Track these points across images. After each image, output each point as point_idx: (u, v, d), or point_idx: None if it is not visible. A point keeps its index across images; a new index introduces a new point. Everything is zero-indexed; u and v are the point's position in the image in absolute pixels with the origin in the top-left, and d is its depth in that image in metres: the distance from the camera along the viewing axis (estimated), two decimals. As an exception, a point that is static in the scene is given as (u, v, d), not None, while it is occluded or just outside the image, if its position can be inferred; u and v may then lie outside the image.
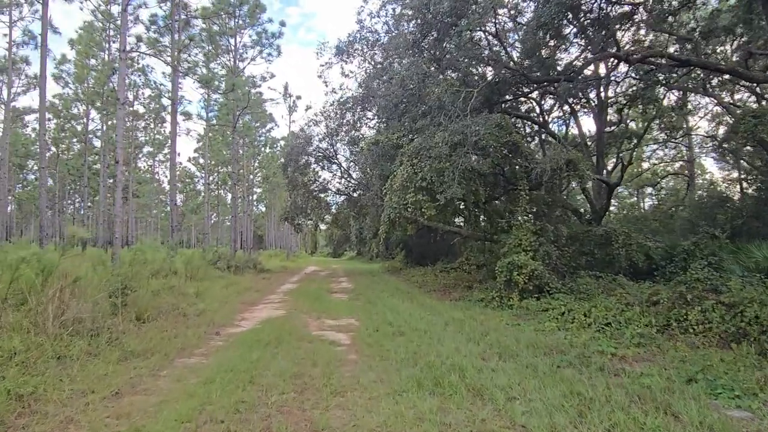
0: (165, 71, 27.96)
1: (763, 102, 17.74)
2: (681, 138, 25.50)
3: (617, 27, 11.90)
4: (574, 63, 12.97)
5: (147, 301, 7.53)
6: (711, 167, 34.79)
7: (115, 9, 21.78)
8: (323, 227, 42.25)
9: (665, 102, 20.68)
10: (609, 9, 10.49)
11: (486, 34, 14.61)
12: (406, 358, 5.44)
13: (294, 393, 4.14)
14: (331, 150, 22.77)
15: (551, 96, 19.38)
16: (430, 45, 11.93)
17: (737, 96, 21.44)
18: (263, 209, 55.08)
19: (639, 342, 6.22)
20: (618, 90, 19.37)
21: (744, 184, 23.48)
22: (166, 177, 51.79)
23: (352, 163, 23.35)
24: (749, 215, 12.68)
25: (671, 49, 14.44)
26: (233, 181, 23.84)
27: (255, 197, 48.05)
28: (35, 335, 5.07)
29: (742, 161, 22.64)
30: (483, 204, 13.95)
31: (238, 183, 31.32)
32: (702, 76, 16.11)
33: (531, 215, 12.87)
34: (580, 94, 17.23)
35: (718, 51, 16.99)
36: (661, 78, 13.86)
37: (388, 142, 13.48)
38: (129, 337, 5.78)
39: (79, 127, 33.83)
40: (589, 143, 19.27)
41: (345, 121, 20.22)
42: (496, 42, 14.17)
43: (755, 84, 17.99)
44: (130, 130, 37.35)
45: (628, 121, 19.86)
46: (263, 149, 41.42)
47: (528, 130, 20.95)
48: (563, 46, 12.80)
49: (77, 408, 3.70)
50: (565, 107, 20.34)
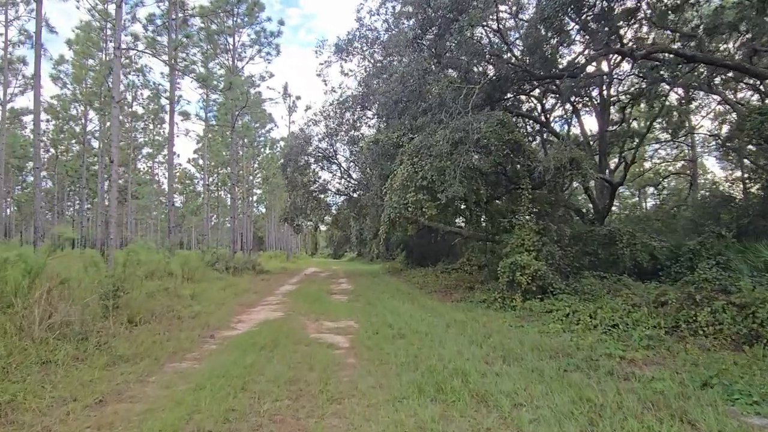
0: (163, 71, 27.78)
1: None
2: (684, 137, 25.29)
3: (621, 23, 11.69)
4: (576, 60, 12.77)
5: (140, 304, 7.33)
6: (713, 167, 34.63)
7: (112, 8, 21.59)
8: (323, 228, 42.05)
9: (668, 100, 20.53)
10: (613, 3, 10.27)
11: (487, 30, 14.43)
12: (406, 361, 5.24)
13: (288, 400, 3.92)
14: (331, 150, 22.57)
15: (553, 95, 19.20)
16: (430, 42, 11.73)
17: (740, 95, 21.24)
18: (263, 210, 54.92)
19: (648, 344, 6.01)
20: (620, 89, 19.23)
21: (747, 183, 23.28)
22: (165, 178, 51.55)
23: (351, 163, 23.16)
24: (755, 214, 12.45)
25: (674, 47, 14.23)
26: (232, 182, 23.66)
27: (255, 198, 47.86)
28: (20, 339, 4.87)
29: (745, 160, 22.43)
30: (484, 203, 13.74)
31: (237, 184, 31.14)
32: (705, 73, 15.92)
33: (533, 215, 12.66)
34: (582, 92, 17.06)
35: (721, 48, 16.77)
36: (665, 75, 13.67)
37: (388, 140, 13.27)
38: (119, 341, 5.57)
39: (78, 128, 33.70)
40: (592, 142, 19.08)
41: (345, 120, 20.01)
42: (497, 40, 13.98)
43: (759, 82, 17.82)
44: (129, 131, 37.21)
45: (631, 120, 19.63)
46: (263, 150, 41.24)
47: (529, 129, 20.78)
48: (566, 42, 12.57)
49: (57, 417, 3.49)
50: (567, 106, 20.18)
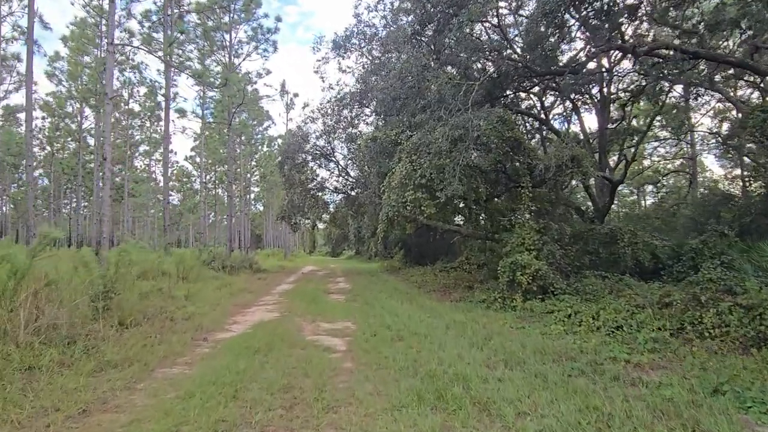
0: (160, 68, 27.54)
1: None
2: (683, 135, 25.15)
3: (622, 19, 11.51)
4: (578, 56, 12.60)
5: (132, 305, 7.14)
6: (711, 165, 34.56)
7: (107, 3, 21.31)
8: (321, 226, 41.86)
9: (669, 98, 20.39)
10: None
11: (486, 27, 14.24)
12: (405, 366, 5.07)
13: (282, 409, 3.74)
14: (329, 147, 22.36)
15: (552, 92, 19.04)
16: (429, 38, 11.53)
17: (739, 92, 21.11)
18: (261, 208, 54.67)
19: (653, 347, 5.85)
20: (620, 86, 19.07)
21: (747, 181, 23.15)
22: (162, 176, 51.28)
23: (349, 161, 22.95)
24: (758, 212, 12.30)
25: (676, 43, 14.07)
26: (229, 180, 23.44)
27: (252, 196, 47.62)
28: (3, 344, 4.68)
29: (745, 158, 22.29)
30: (484, 202, 13.58)
31: (234, 182, 30.90)
32: (706, 71, 15.78)
33: (533, 213, 12.51)
34: (582, 89, 16.89)
35: (722, 46, 16.62)
36: (668, 72, 13.50)
37: (386, 138, 13.08)
38: (108, 345, 5.38)
39: (74, 126, 33.40)
40: (591, 140, 18.93)
41: (342, 118, 19.81)
42: (497, 38, 13.79)
43: (760, 80, 17.68)
44: (125, 128, 36.92)
45: (631, 117, 19.48)
46: (260, 148, 40.97)
47: (528, 127, 20.62)
48: (567, 38, 12.40)
49: (36, 430, 3.30)
50: (567, 103, 20.01)
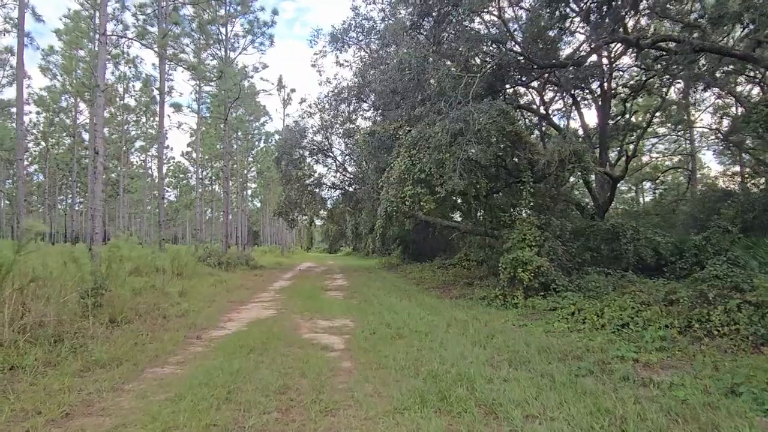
0: (155, 63, 27.20)
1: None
2: (683, 131, 25.03)
3: (625, 11, 11.29)
4: (580, 48, 12.40)
5: (124, 302, 6.92)
6: (709, 162, 34.47)
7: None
8: (318, 223, 41.65)
9: (669, 94, 20.24)
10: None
11: (487, 21, 13.98)
12: (406, 365, 4.88)
13: (277, 413, 3.54)
14: (326, 143, 22.12)
15: (552, 88, 18.84)
16: (428, 30, 11.29)
17: (738, 88, 20.95)
18: (258, 205, 54.37)
19: (661, 346, 5.67)
20: (620, 81, 18.88)
21: (747, 178, 23.05)
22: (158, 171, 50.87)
23: (347, 157, 22.74)
24: (762, 209, 12.14)
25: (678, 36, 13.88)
26: (225, 176, 23.17)
27: (250, 192, 47.32)
28: (-15, 343, 4.48)
29: (745, 155, 22.18)
30: (484, 197, 13.37)
31: (231, 178, 30.62)
32: (707, 66, 15.60)
33: (534, 209, 12.31)
34: (583, 84, 16.68)
35: (722, 42, 16.45)
36: (669, 66, 13.32)
37: (384, 132, 12.86)
38: (97, 343, 5.16)
39: (69, 121, 33.05)
40: (591, 136, 18.76)
41: (340, 112, 19.56)
42: (496, 31, 13.53)
43: (761, 75, 17.53)
44: (121, 123, 36.56)
45: (632, 112, 19.31)
46: (258, 143, 40.66)
47: (527, 123, 20.41)
48: (569, 30, 12.18)
49: (14, 435, 3.11)
50: (567, 99, 19.81)
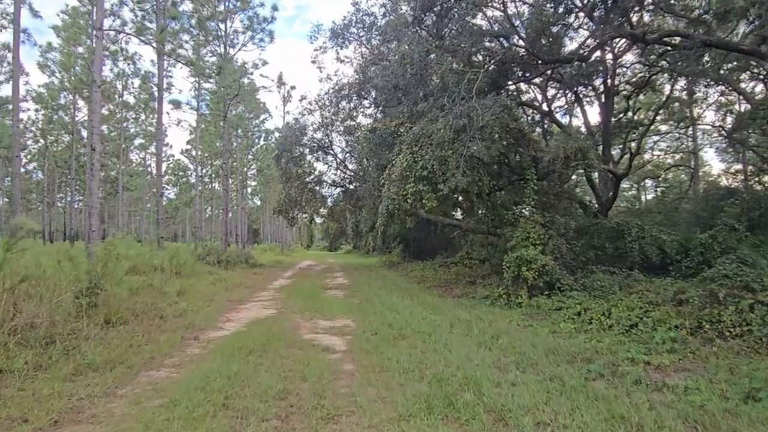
0: (154, 60, 26.98)
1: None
2: (686, 128, 24.82)
3: (630, 6, 11.10)
4: (585, 43, 12.21)
5: (120, 302, 6.76)
6: (710, 160, 34.29)
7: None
8: (319, 221, 41.48)
9: (672, 91, 20.05)
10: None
11: (489, 17, 13.79)
12: (410, 368, 4.72)
13: (276, 420, 3.37)
14: (326, 140, 21.93)
15: (554, 85, 18.64)
16: (431, 25, 11.10)
17: (741, 86, 20.74)
18: (258, 203, 54.18)
19: (672, 347, 5.51)
20: (623, 79, 18.68)
21: (750, 175, 22.87)
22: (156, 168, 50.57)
23: (347, 154, 22.57)
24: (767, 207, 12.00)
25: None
26: (225, 173, 22.99)
27: (250, 190, 47.13)
28: (-26, 345, 4.31)
29: (749, 152, 22.00)
30: (486, 195, 13.21)
31: (231, 175, 30.46)
32: (711, 63, 15.41)
33: (538, 207, 12.15)
34: (586, 81, 16.49)
35: (727, 38, 16.24)
36: (675, 62, 13.12)
37: (386, 129, 12.69)
38: (90, 345, 5.00)
39: (67, 118, 32.84)
40: (594, 133, 18.57)
41: (340, 109, 19.37)
42: (497, 27, 13.34)
43: (765, 73, 17.34)
44: (120, 121, 36.36)
45: (636, 109, 19.12)
46: (258, 141, 40.45)
47: (529, 120, 20.21)
48: (571, 27, 11.99)
49: (-1, 445, 2.96)
50: (569, 96, 19.62)
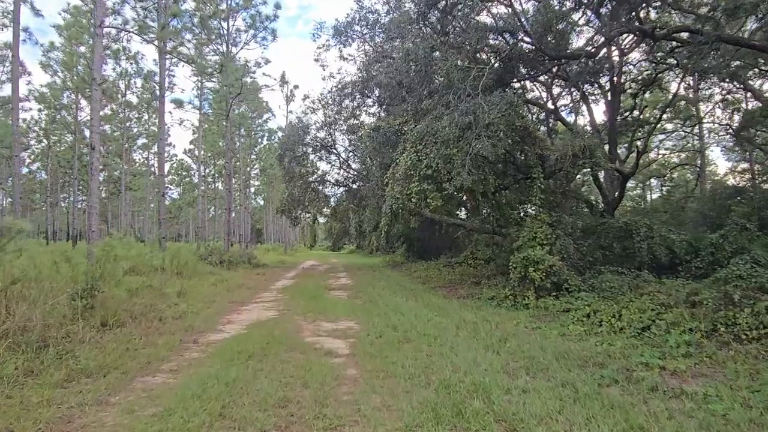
0: (156, 59, 26.90)
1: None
2: (692, 126, 24.53)
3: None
4: (593, 38, 12.00)
5: (118, 304, 6.61)
6: (716, 159, 33.98)
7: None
8: (322, 220, 41.34)
9: (679, 88, 19.76)
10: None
11: (494, 14, 13.58)
12: (416, 373, 4.54)
13: (276, 430, 3.20)
14: (330, 139, 21.77)
15: (560, 83, 18.42)
16: (436, 20, 10.90)
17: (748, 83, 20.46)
18: (261, 203, 54.06)
19: (687, 351, 5.30)
20: (629, 77, 18.43)
21: (757, 174, 22.57)
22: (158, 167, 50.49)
23: (351, 153, 22.40)
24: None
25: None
26: (228, 173, 22.85)
27: (253, 190, 46.99)
28: (-37, 350, 4.16)
29: (756, 151, 21.71)
30: (492, 195, 13.02)
31: (234, 175, 30.32)
32: (717, 61, 15.16)
33: (545, 206, 11.95)
34: (591, 78, 16.26)
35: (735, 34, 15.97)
36: (683, 59, 12.89)
37: (389, 128, 12.51)
38: (85, 349, 4.84)
39: (70, 118, 32.78)
40: (600, 132, 18.34)
41: (343, 108, 19.19)
42: (502, 23, 13.13)
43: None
44: (123, 121, 36.30)
45: (643, 108, 18.88)
46: (260, 140, 40.32)
47: (534, 119, 19.99)
48: (576, 25, 11.77)
49: (-20, 459, 2.79)
50: (575, 94, 19.39)
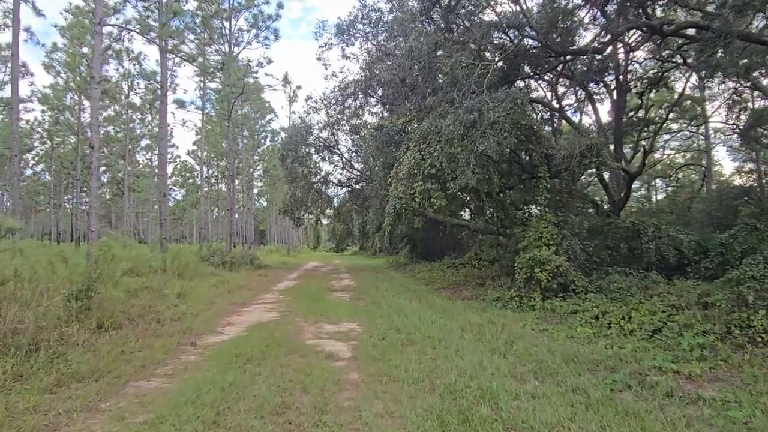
0: (158, 59, 26.85)
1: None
2: (698, 127, 24.27)
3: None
4: (600, 34, 11.81)
5: (115, 305, 6.47)
6: (721, 159, 33.66)
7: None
8: (325, 221, 41.22)
9: (685, 88, 19.53)
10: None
11: (498, 12, 13.41)
12: (420, 378, 4.37)
13: (272, 439, 3.05)
14: (332, 140, 21.63)
15: (564, 82, 18.22)
16: (439, 17, 10.74)
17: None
18: (265, 204, 54.00)
19: (701, 355, 5.11)
20: (635, 75, 18.22)
21: (764, 174, 22.29)
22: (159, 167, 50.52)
23: (354, 154, 22.26)
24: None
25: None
26: (230, 173, 22.76)
27: (256, 191, 46.92)
28: (-49, 353, 4.02)
29: (765, 150, 21.46)
30: (496, 194, 12.83)
31: (237, 176, 30.24)
32: (728, 58, 14.94)
33: (551, 206, 11.76)
34: (597, 77, 16.06)
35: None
36: (691, 58, 12.70)
37: (392, 127, 12.35)
38: (78, 353, 4.70)
39: (73, 119, 32.79)
40: (606, 131, 18.13)
41: (346, 107, 19.04)
42: (506, 19, 12.97)
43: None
44: (126, 122, 36.29)
45: (649, 106, 18.65)
46: (263, 141, 40.23)
47: (539, 118, 19.80)
48: (584, 20, 11.60)
49: (-41, 470, 2.64)
50: (580, 93, 19.19)
